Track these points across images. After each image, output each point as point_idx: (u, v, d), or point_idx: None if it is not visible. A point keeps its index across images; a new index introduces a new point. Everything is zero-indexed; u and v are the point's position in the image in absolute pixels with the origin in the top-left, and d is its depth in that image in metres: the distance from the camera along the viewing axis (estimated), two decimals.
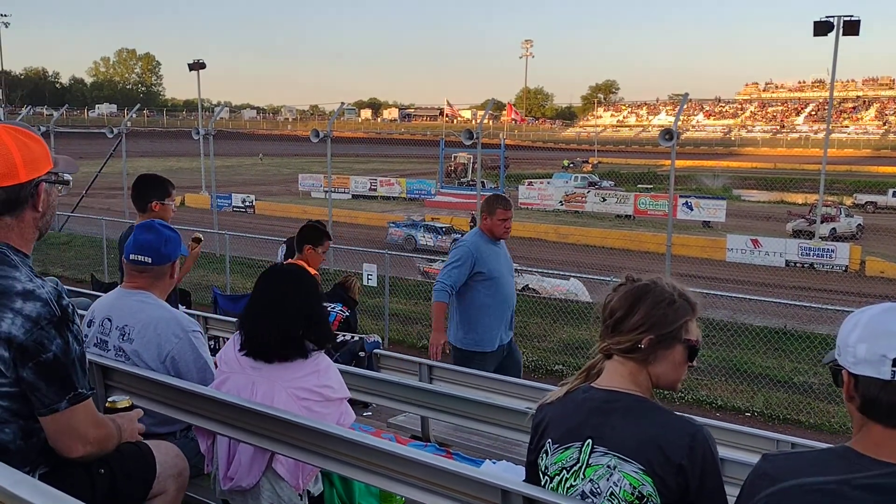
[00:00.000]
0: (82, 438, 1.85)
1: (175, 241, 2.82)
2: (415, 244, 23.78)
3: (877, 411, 1.26)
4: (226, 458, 2.42)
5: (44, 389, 1.75)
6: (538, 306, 12.12)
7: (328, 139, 16.29)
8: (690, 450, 1.54)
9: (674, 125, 11.96)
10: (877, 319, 1.27)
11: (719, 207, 28.48)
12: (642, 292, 1.67)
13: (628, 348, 1.65)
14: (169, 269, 2.78)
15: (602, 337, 1.72)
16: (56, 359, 1.74)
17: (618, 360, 1.68)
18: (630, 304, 1.66)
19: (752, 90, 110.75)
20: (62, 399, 1.77)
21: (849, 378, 1.29)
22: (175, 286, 2.94)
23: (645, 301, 1.65)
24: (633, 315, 1.65)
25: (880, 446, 1.26)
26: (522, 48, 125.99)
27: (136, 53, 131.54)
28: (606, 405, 1.63)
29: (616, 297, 1.69)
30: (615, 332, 1.67)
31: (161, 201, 4.43)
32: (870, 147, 78.02)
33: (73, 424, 1.81)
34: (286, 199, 35.78)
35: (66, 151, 2.39)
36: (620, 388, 1.65)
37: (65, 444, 1.83)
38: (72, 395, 1.78)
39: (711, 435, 1.59)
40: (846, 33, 18.78)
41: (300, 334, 2.37)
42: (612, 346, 1.68)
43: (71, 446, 1.84)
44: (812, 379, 8.91)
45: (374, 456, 2.04)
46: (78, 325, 1.83)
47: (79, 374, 1.81)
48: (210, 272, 14.71)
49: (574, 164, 57.34)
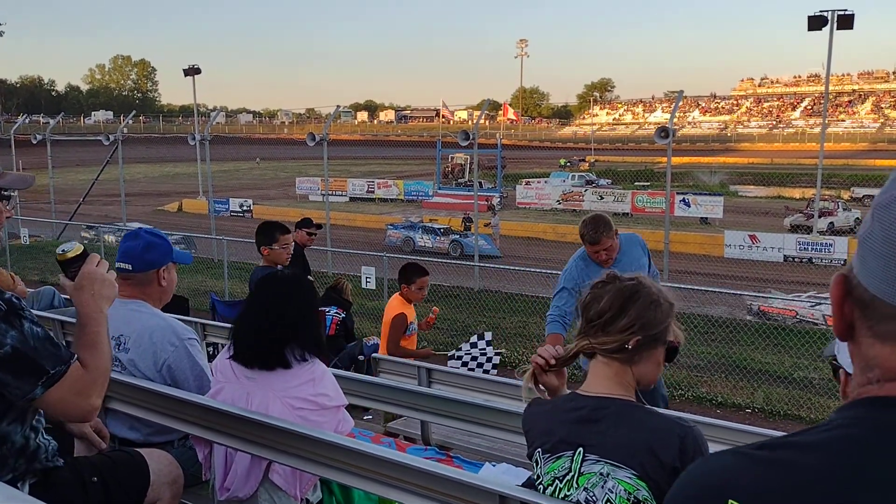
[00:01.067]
0: (76, 408, 1.79)
1: (159, 248, 2.75)
2: (413, 246, 23.77)
3: None
4: (223, 467, 2.42)
5: (13, 383, 1.70)
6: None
7: (324, 142, 16.30)
8: (682, 452, 1.53)
9: (669, 122, 11.98)
10: None
11: (716, 204, 28.52)
12: (632, 292, 1.65)
13: (615, 348, 1.63)
14: (154, 276, 2.72)
15: (584, 336, 1.69)
16: (15, 350, 1.70)
17: (601, 361, 1.67)
18: (621, 305, 1.64)
19: (747, 86, 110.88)
20: (35, 386, 1.71)
21: (846, 377, 1.29)
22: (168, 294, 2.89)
23: (635, 302, 1.64)
24: (624, 316, 1.63)
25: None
26: (517, 48, 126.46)
27: (131, 60, 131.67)
28: (596, 413, 1.62)
29: (606, 298, 1.66)
30: (603, 332, 1.65)
31: (269, 247, 4.73)
32: (866, 140, 78.14)
33: (59, 402, 1.76)
34: (284, 203, 35.77)
35: (62, 159, 2.39)
36: (609, 394, 1.63)
37: (69, 417, 1.82)
38: (44, 380, 1.72)
39: (702, 433, 1.59)
40: (840, 27, 18.81)
41: (285, 341, 2.36)
42: (598, 346, 1.66)
43: (74, 416, 1.82)
44: (812, 374, 8.90)
45: (372, 463, 2.04)
46: (30, 310, 1.78)
47: (45, 355, 1.74)
48: (208, 278, 14.70)
49: (571, 163, 57.38)
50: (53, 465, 1.92)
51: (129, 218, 20.63)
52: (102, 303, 1.89)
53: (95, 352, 1.82)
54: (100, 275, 1.91)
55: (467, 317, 11.70)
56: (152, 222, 25.28)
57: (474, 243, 17.24)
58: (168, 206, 35.95)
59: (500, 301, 12.63)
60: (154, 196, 39.18)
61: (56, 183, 22.02)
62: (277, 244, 4.86)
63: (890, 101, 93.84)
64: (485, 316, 12.01)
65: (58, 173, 23.02)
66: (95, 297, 1.87)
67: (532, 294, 12.48)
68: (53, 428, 2.23)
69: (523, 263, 19.42)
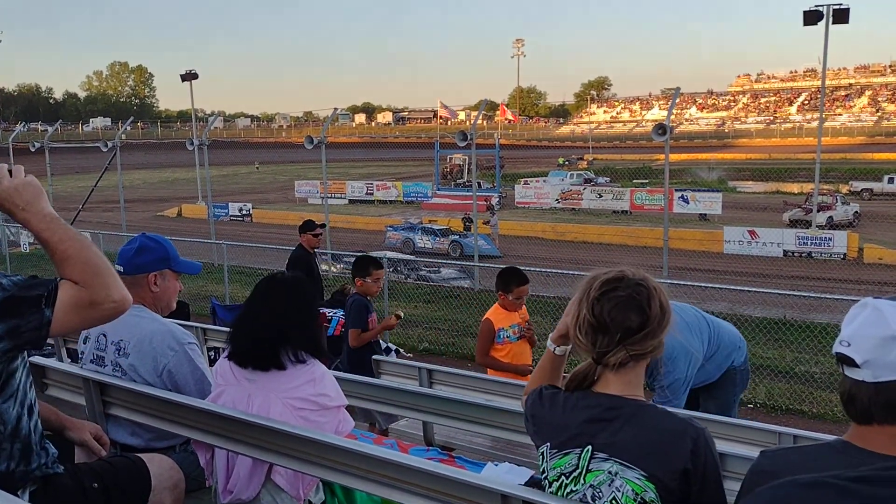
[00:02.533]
0: (99, 310, 1.68)
1: (152, 252, 2.75)
2: (413, 247, 23.79)
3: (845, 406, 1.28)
4: (225, 471, 2.42)
5: (22, 324, 1.65)
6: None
7: (322, 145, 16.29)
8: (693, 454, 1.52)
9: (667, 119, 11.97)
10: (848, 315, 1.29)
11: (715, 200, 28.53)
12: (647, 296, 1.60)
13: (637, 355, 1.59)
14: (144, 279, 2.71)
15: (622, 346, 1.60)
16: (11, 294, 1.66)
17: (627, 364, 1.61)
18: (641, 311, 1.59)
19: (744, 81, 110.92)
20: (41, 311, 1.65)
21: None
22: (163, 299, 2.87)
23: (652, 305, 1.60)
24: (648, 324, 1.58)
25: (868, 439, 1.26)
26: (514, 48, 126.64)
27: (128, 66, 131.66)
28: (610, 412, 1.60)
29: (635, 306, 1.59)
30: (649, 338, 1.59)
31: (363, 279, 5.17)
32: (864, 134, 78.16)
33: (69, 315, 1.66)
34: (283, 207, 35.79)
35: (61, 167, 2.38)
36: (624, 395, 1.62)
37: (98, 319, 1.72)
38: (45, 300, 1.65)
39: (711, 436, 1.58)
40: (836, 21, 18.83)
41: (279, 342, 2.37)
42: (639, 351, 1.59)
43: (103, 315, 1.70)
44: (814, 368, 8.91)
45: (374, 464, 2.03)
46: (7, 275, 1.75)
47: (34, 285, 1.68)
48: (209, 282, 14.70)
49: (569, 162, 57.45)
50: (54, 472, 1.91)
51: (129, 224, 20.63)
52: (37, 206, 1.72)
53: (74, 259, 1.69)
54: (12, 186, 1.71)
55: (468, 317, 11.69)
56: (151, 228, 25.29)
57: (474, 243, 17.24)
58: (167, 212, 35.96)
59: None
60: (153, 202, 39.22)
61: (55, 190, 22.01)
62: (370, 277, 5.20)
63: (887, 95, 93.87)
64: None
65: (57, 181, 23.02)
66: (27, 209, 1.71)
67: (532, 293, 12.45)
68: (53, 435, 2.22)
69: (523, 263, 19.43)
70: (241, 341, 2.44)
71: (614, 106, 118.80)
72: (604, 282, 1.63)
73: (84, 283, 1.67)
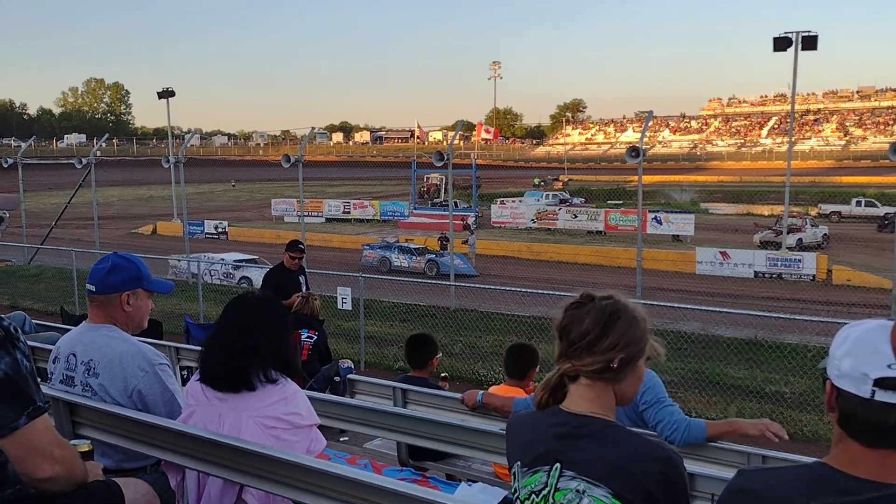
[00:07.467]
0: (48, 456, 1.75)
1: (124, 272, 2.72)
2: (389, 265, 23.76)
3: (852, 428, 1.25)
4: (195, 492, 2.40)
5: (1, 410, 1.67)
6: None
7: (300, 164, 16.28)
8: (662, 475, 1.54)
9: (640, 142, 12.17)
10: (866, 336, 1.26)
11: (688, 221, 28.93)
12: (613, 311, 1.64)
13: (600, 369, 1.62)
14: (117, 299, 2.69)
15: (566, 358, 1.67)
16: (7, 377, 1.67)
17: (584, 383, 1.65)
18: (604, 325, 1.63)
19: (716, 105, 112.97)
20: (21, 415, 1.68)
21: (831, 389, 1.29)
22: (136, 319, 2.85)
23: (617, 321, 1.63)
24: (608, 336, 1.62)
25: (856, 463, 1.24)
26: (491, 70, 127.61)
27: (104, 83, 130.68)
28: (576, 430, 1.62)
29: (587, 319, 1.65)
30: (588, 353, 1.63)
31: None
32: (832, 158, 79.93)
33: (36, 441, 1.72)
34: (259, 225, 35.59)
35: (34, 183, 2.37)
36: (589, 413, 1.64)
37: (31, 465, 1.76)
38: (31, 409, 1.70)
39: (681, 459, 1.60)
40: (805, 48, 19.34)
41: (248, 362, 2.35)
42: (582, 367, 1.63)
43: (37, 466, 1.76)
44: (783, 388, 9.03)
45: (347, 486, 2.03)
46: (24, 342, 1.76)
47: (33, 388, 1.72)
48: (182, 300, 14.54)
49: (545, 182, 57.94)
50: (26, 493, 1.89)
51: (103, 241, 20.37)
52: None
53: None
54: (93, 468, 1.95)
55: (444, 336, 11.69)
56: (126, 246, 24.98)
57: (450, 262, 17.28)
58: (142, 229, 35.56)
59: (477, 320, 12.65)
60: (128, 219, 38.75)
61: (28, 207, 21.70)
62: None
63: (854, 120, 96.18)
64: (461, 335, 12.02)
65: (29, 197, 22.67)
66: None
67: (508, 312, 12.52)
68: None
69: (499, 282, 19.51)
70: (212, 362, 2.42)
71: (589, 128, 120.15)
72: (584, 296, 1.71)
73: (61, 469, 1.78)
